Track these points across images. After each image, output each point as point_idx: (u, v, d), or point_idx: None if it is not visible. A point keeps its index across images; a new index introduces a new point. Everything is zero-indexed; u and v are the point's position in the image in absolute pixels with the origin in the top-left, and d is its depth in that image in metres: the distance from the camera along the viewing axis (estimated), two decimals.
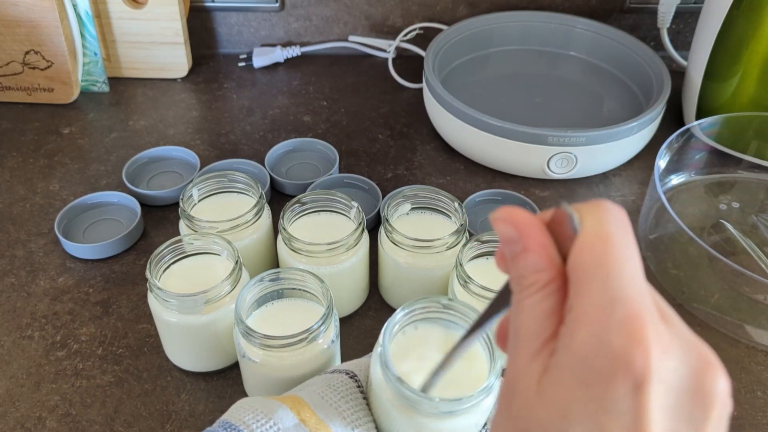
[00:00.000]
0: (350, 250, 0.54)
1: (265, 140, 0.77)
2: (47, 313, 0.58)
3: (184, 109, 0.83)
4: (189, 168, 0.72)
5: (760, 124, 0.70)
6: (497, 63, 0.87)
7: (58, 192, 0.70)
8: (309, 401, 0.42)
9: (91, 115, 0.81)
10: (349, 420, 0.42)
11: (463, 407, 0.39)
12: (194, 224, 0.55)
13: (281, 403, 0.42)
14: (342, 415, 0.42)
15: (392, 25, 0.91)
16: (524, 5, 0.89)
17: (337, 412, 0.42)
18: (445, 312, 0.44)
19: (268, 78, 0.89)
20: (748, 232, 0.65)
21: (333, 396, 0.43)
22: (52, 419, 0.50)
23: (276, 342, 0.45)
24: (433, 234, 0.54)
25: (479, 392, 0.39)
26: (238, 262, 0.50)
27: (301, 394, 0.43)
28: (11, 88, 0.81)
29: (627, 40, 0.82)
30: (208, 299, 0.49)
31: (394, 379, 0.39)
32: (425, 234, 0.54)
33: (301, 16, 0.90)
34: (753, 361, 0.55)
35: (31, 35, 0.77)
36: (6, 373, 0.53)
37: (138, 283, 0.61)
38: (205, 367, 0.53)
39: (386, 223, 0.55)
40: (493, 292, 0.48)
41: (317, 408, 0.42)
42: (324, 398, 0.43)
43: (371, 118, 0.82)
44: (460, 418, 0.40)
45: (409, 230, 0.54)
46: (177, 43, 0.84)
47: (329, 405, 0.42)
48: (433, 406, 0.39)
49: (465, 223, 0.55)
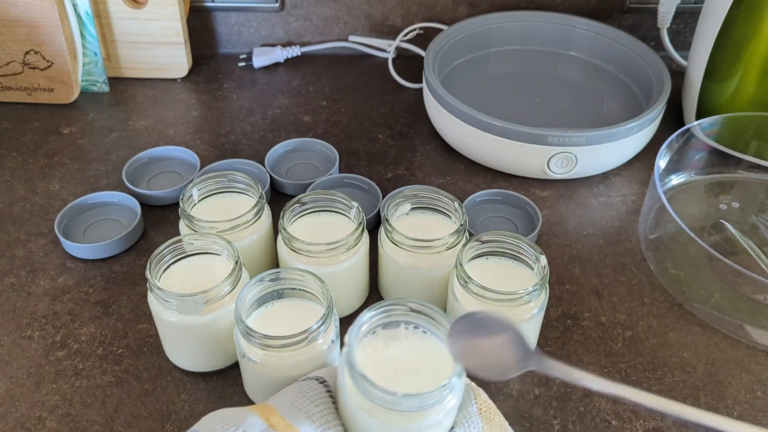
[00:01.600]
0: (350, 250, 0.54)
1: (265, 140, 0.77)
2: (47, 313, 0.58)
3: (184, 109, 0.83)
4: (189, 168, 0.72)
5: (760, 124, 0.70)
6: (497, 63, 0.87)
7: (58, 192, 0.70)
8: (278, 408, 0.43)
9: (91, 115, 0.81)
10: (318, 423, 0.43)
11: (427, 404, 0.40)
12: (194, 224, 0.55)
13: (251, 411, 0.43)
14: (311, 418, 0.43)
15: (392, 25, 0.91)
16: (524, 5, 0.89)
17: (306, 415, 0.43)
18: (413, 315, 0.44)
19: (268, 78, 0.89)
20: (748, 232, 0.65)
21: (302, 401, 0.44)
22: (52, 419, 0.50)
23: (276, 342, 0.45)
24: (432, 234, 0.54)
25: (439, 389, 0.40)
26: (238, 262, 0.50)
27: (271, 402, 0.44)
28: (11, 88, 0.81)
29: (627, 40, 0.82)
30: (208, 299, 0.49)
31: (358, 377, 0.40)
32: (425, 234, 0.54)
33: (301, 16, 0.90)
34: (753, 361, 0.55)
35: (31, 35, 0.77)
36: (6, 373, 0.53)
37: (138, 283, 0.61)
38: (205, 367, 0.53)
39: (386, 223, 0.55)
40: (493, 292, 0.48)
41: (286, 413, 0.43)
42: (294, 404, 0.43)
43: (371, 118, 0.82)
44: (425, 418, 0.41)
45: (409, 230, 0.54)
46: (177, 43, 0.84)
47: (298, 410, 0.43)
48: (395, 402, 0.39)
49: (465, 223, 0.55)
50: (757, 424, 0.51)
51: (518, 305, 0.50)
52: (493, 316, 0.43)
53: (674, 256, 0.60)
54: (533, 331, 0.53)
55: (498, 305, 0.49)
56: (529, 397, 0.52)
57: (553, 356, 0.41)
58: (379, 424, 0.41)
